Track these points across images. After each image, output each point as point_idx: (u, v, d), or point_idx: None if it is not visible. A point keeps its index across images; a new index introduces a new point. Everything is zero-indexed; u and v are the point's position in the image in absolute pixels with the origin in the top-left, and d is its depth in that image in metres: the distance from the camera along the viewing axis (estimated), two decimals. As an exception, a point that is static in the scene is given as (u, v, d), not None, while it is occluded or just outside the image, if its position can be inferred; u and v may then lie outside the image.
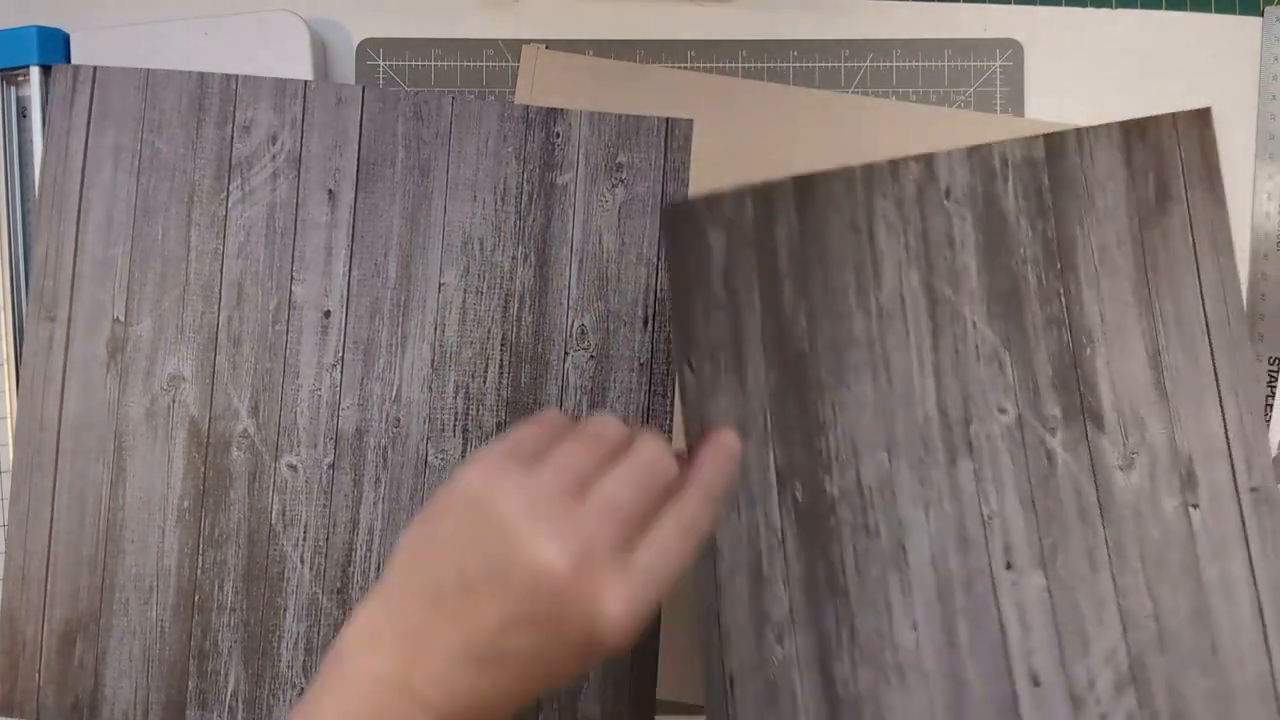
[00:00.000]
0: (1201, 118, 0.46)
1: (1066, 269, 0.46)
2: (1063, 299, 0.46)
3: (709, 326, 0.44)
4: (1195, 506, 0.46)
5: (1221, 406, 0.46)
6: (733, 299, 0.45)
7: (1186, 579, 0.45)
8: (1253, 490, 0.46)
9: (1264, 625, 0.45)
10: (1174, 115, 0.46)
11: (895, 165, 0.46)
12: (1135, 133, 0.46)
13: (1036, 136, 0.46)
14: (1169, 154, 0.46)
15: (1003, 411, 0.46)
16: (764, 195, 0.45)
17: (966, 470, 0.46)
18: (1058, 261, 0.46)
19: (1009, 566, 0.45)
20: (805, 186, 0.45)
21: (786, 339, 0.45)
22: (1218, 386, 0.46)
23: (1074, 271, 0.46)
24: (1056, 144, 0.46)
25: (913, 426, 0.45)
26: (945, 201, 0.46)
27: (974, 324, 0.45)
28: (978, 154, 0.46)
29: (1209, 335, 0.46)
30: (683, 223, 0.44)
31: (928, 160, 0.46)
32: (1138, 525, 0.46)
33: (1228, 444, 0.46)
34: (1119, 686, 0.45)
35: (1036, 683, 0.45)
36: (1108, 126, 0.46)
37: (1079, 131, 0.46)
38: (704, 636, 0.44)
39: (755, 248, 0.45)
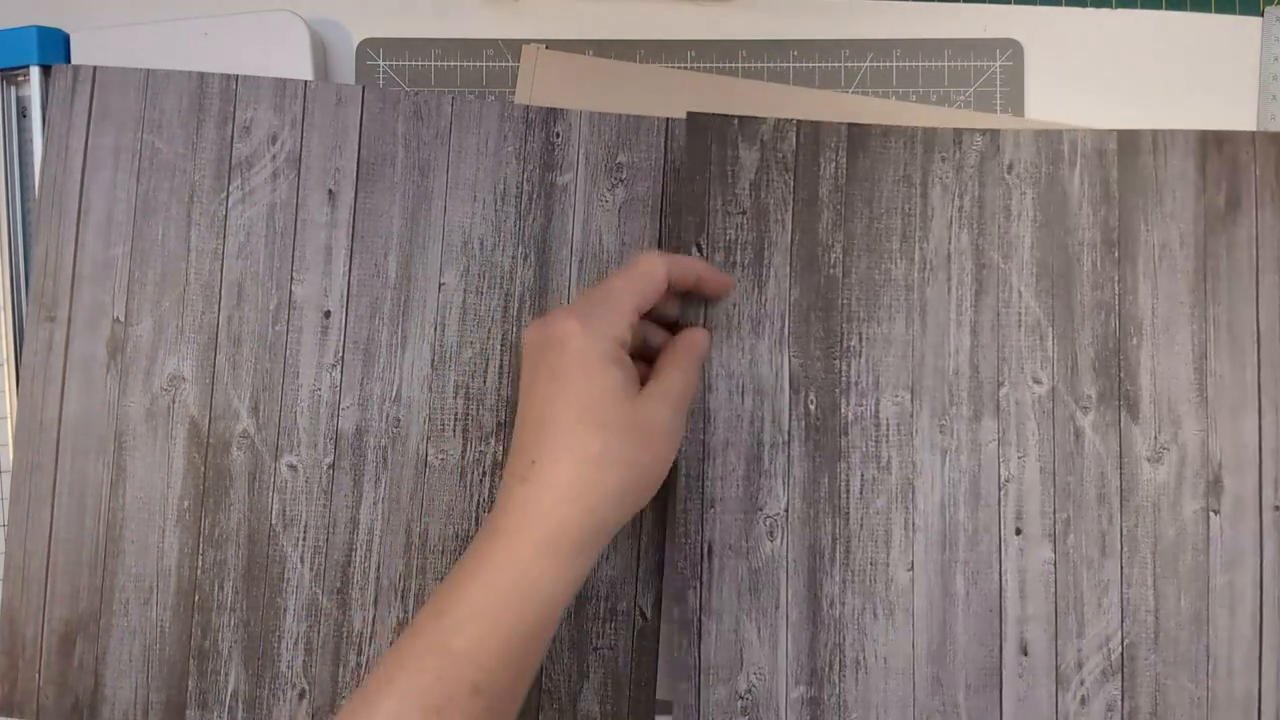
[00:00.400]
0: (1278, 141, 0.47)
1: (1124, 258, 0.46)
2: (1116, 286, 0.46)
3: (727, 224, 0.46)
4: (1216, 513, 0.46)
5: (1260, 420, 0.46)
6: (760, 210, 0.46)
7: (1194, 582, 0.46)
8: (1276, 509, 0.46)
9: (1261, 643, 0.45)
10: (1253, 133, 0.47)
11: (959, 133, 0.47)
12: (1212, 142, 0.47)
13: (1110, 130, 0.47)
14: (1244, 168, 0.47)
15: (1037, 381, 0.46)
16: (813, 131, 0.46)
17: (990, 429, 0.46)
18: (1116, 250, 0.46)
19: (1018, 532, 0.46)
20: (859, 134, 0.47)
21: (817, 262, 0.46)
22: (1259, 400, 0.46)
23: (1132, 262, 0.46)
24: (1129, 140, 0.47)
25: (941, 376, 0.46)
26: (1006, 175, 0.46)
27: (1020, 293, 0.46)
28: (1046, 137, 0.47)
29: (1259, 348, 0.46)
30: (709, 129, 0.46)
31: (993, 134, 0.47)
32: (1156, 520, 0.46)
33: (1260, 458, 0.46)
34: (1106, 674, 0.45)
35: (1025, 652, 0.45)
36: (1184, 132, 0.47)
37: (1154, 132, 0.47)
38: (680, 498, 0.45)
39: (794, 174, 0.46)
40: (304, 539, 0.46)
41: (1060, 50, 0.51)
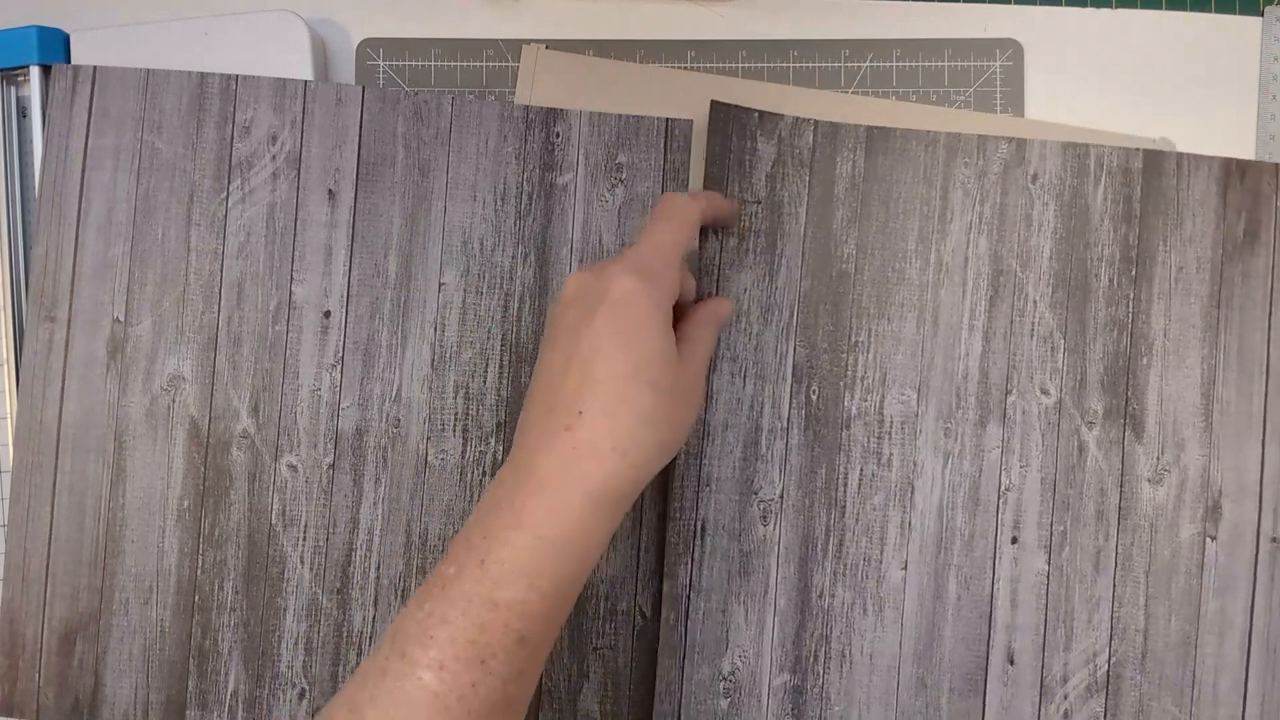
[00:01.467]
0: None
1: (1141, 277, 0.46)
2: (1130, 305, 0.46)
3: (743, 212, 0.46)
4: (1213, 539, 0.46)
5: (1263, 451, 0.46)
6: (775, 201, 0.46)
7: (1185, 606, 0.46)
8: (1273, 540, 0.46)
9: (1247, 672, 0.45)
10: (1277, 165, 0.47)
11: (984, 139, 0.47)
12: (1235, 171, 0.47)
13: (1136, 149, 0.47)
14: (1265, 199, 0.47)
15: (1045, 392, 0.46)
16: (831, 131, 0.47)
17: (995, 436, 0.46)
18: (1134, 268, 0.47)
19: (1014, 541, 0.46)
20: (879, 135, 0.47)
21: (830, 257, 0.46)
22: (1264, 431, 0.46)
23: (1148, 282, 0.47)
24: (1155, 161, 0.47)
25: (949, 378, 0.46)
26: (1030, 185, 0.46)
27: (1035, 303, 0.46)
28: (1073, 150, 0.47)
29: (1266, 379, 0.47)
30: (731, 120, 0.47)
31: (1019, 143, 0.47)
32: (1152, 540, 0.46)
33: (1260, 489, 0.46)
34: (1091, 690, 0.45)
35: (1011, 661, 0.45)
36: (1209, 158, 0.47)
37: (1179, 155, 0.47)
38: (678, 474, 0.45)
39: (810, 170, 0.46)
40: (304, 539, 0.46)
41: (1060, 50, 0.51)
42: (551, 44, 0.50)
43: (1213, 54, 0.50)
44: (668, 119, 0.47)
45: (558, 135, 0.47)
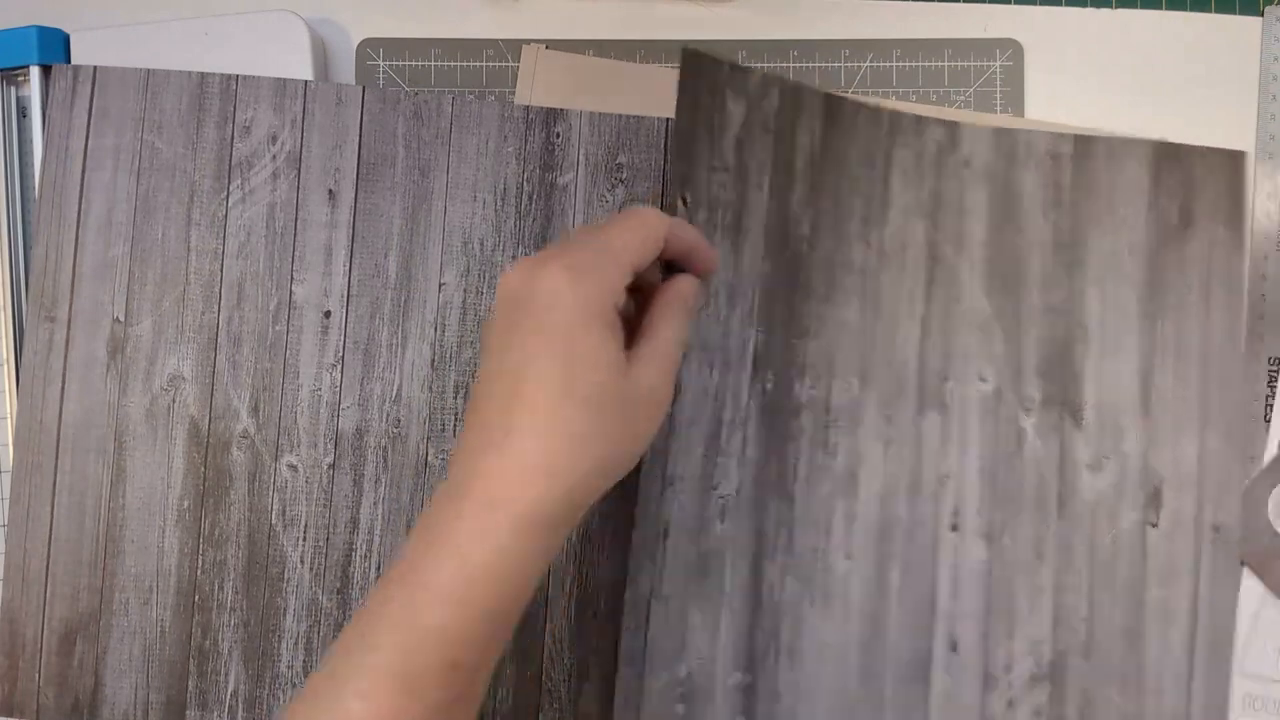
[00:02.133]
0: (1234, 159, 0.47)
1: (1074, 264, 0.46)
2: (1065, 291, 0.46)
3: (711, 182, 0.43)
4: (1154, 526, 0.45)
5: (1202, 438, 0.46)
6: (742, 171, 0.44)
7: (1128, 595, 0.45)
8: (1214, 528, 0.45)
9: (1192, 661, 0.45)
10: (1208, 149, 0.46)
11: (920, 121, 0.46)
12: (1167, 155, 0.46)
13: (1065, 134, 0.46)
14: (1199, 183, 0.46)
15: (982, 379, 0.46)
16: (794, 93, 0.45)
17: (933, 423, 0.45)
18: (1066, 255, 0.46)
19: (954, 529, 0.45)
20: (834, 105, 0.45)
21: (787, 237, 0.44)
22: (1202, 418, 0.46)
23: (1081, 268, 0.46)
24: (1084, 145, 0.46)
25: (889, 365, 0.45)
26: (963, 170, 0.46)
27: (970, 289, 0.45)
28: (1002, 135, 0.46)
29: (1204, 365, 0.46)
30: (703, 73, 0.43)
31: (951, 128, 0.46)
32: (1093, 528, 0.45)
33: (1199, 476, 0.46)
34: (1035, 679, 0.45)
35: (954, 649, 0.45)
36: (1139, 141, 0.46)
37: (1109, 140, 0.46)
38: (642, 474, 0.42)
39: (774, 137, 0.44)
40: (304, 539, 0.46)
41: (1060, 50, 0.51)
42: (551, 44, 0.50)
43: (1213, 54, 0.50)
44: (668, 119, 0.47)
45: (558, 135, 0.47)
